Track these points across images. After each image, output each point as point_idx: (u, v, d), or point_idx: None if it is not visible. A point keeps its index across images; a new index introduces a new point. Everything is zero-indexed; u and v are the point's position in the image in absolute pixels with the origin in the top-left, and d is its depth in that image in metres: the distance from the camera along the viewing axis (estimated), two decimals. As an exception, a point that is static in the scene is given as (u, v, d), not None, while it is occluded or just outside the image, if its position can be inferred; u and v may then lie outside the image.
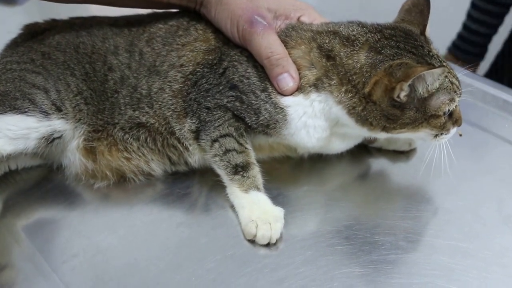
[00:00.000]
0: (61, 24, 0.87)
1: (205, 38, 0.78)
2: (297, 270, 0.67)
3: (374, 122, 0.71)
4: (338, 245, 0.71)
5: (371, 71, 0.69)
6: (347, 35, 0.72)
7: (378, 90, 0.69)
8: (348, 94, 0.71)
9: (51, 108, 0.77)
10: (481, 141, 0.91)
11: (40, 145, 0.76)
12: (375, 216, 0.76)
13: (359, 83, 0.70)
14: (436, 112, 0.71)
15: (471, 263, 0.68)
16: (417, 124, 0.71)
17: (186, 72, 0.76)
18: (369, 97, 0.70)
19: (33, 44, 0.84)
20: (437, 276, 0.66)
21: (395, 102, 0.69)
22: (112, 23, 0.84)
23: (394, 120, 0.71)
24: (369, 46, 0.71)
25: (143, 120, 0.77)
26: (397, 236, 0.72)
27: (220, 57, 0.76)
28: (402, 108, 0.70)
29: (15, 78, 0.79)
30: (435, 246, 0.71)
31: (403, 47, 0.70)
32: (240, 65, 0.74)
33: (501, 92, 0.99)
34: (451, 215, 0.76)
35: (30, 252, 0.70)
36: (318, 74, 0.72)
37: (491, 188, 0.80)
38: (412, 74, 0.66)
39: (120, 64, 0.79)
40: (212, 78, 0.75)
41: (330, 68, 0.71)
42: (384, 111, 0.70)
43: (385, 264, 0.68)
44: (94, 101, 0.79)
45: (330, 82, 0.71)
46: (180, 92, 0.76)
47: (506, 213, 0.76)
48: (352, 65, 0.70)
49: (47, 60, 0.81)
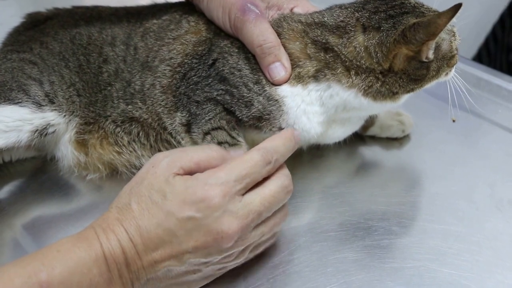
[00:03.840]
0: (62, 13, 0.87)
1: (196, 30, 0.77)
2: (291, 256, 0.68)
3: (400, 90, 0.69)
4: (331, 231, 0.71)
5: (381, 49, 0.67)
6: (335, 24, 0.71)
7: (398, 61, 0.68)
8: (361, 76, 0.69)
9: (44, 99, 0.76)
10: (474, 127, 0.92)
11: (33, 138, 0.76)
12: (368, 202, 0.76)
13: (371, 64, 0.68)
14: (451, 53, 0.71)
15: (464, 247, 0.68)
16: (441, 72, 0.71)
17: (174, 64, 0.75)
18: (389, 71, 0.68)
19: (35, 33, 0.83)
20: (429, 260, 0.67)
21: (422, 63, 0.68)
22: (112, 13, 0.83)
23: (421, 79, 0.70)
24: (363, 26, 0.69)
25: (136, 115, 0.77)
26: (390, 222, 0.72)
27: (210, 48, 0.75)
28: (427, 65, 0.69)
29: (14, 68, 0.78)
30: (427, 230, 0.71)
31: (394, 14, 0.69)
32: (231, 57, 0.73)
33: (494, 78, 0.99)
34: (444, 200, 0.76)
35: (26, 243, 0.71)
36: (318, 66, 0.70)
37: (484, 174, 0.81)
38: (437, 29, 0.65)
39: (116, 57, 0.79)
40: (201, 69, 0.74)
41: (331, 60, 0.69)
42: (411, 75, 0.69)
43: (378, 249, 0.69)
44: (86, 93, 0.79)
45: (335, 72, 0.69)
46: (169, 88, 0.75)
47: (499, 197, 0.76)
48: (354, 51, 0.68)
49: (44, 50, 0.80)
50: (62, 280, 0.54)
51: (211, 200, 0.57)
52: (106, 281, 0.56)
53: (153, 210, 0.58)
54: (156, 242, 0.57)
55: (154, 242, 0.57)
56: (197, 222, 0.57)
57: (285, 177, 0.63)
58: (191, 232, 0.57)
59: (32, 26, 0.85)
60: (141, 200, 0.59)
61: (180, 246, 0.57)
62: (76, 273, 0.54)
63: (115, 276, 0.57)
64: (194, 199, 0.57)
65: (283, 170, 0.64)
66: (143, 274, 0.58)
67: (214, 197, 0.57)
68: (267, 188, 0.61)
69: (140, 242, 0.57)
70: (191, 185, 0.58)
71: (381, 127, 0.87)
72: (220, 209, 0.57)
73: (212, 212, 0.57)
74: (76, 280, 0.54)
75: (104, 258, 0.56)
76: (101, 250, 0.56)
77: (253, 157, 0.61)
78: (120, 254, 0.57)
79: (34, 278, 0.53)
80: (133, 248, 0.57)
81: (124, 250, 0.57)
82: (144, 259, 0.57)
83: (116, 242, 0.57)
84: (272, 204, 0.61)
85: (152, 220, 0.58)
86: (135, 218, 0.58)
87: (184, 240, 0.57)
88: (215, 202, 0.57)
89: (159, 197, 0.58)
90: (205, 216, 0.57)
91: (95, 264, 0.56)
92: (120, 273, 0.57)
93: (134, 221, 0.58)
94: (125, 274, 0.57)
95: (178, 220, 0.57)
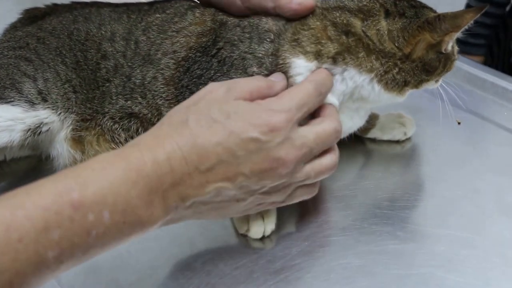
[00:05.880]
0: (61, 8, 0.85)
1: (201, 20, 0.75)
2: (293, 262, 0.66)
3: (412, 80, 0.70)
4: (334, 236, 0.70)
5: (403, 34, 0.68)
6: (357, 7, 0.70)
7: (419, 48, 0.68)
8: (381, 60, 0.68)
9: (36, 98, 0.75)
10: (479, 129, 0.90)
11: (26, 137, 0.74)
12: (371, 206, 0.74)
13: (392, 48, 0.68)
14: (454, 56, 0.73)
15: (470, 253, 0.67)
16: (445, 71, 0.72)
17: (179, 58, 0.74)
18: (408, 58, 0.68)
19: (32, 29, 0.82)
20: (435, 266, 0.65)
21: (439, 55, 0.69)
22: (112, 10, 0.82)
23: (433, 71, 0.70)
24: (387, 11, 0.69)
25: (135, 110, 0.75)
26: (395, 226, 0.71)
27: (215, 39, 0.73)
28: (440, 59, 0.70)
29: (9, 65, 0.77)
30: (433, 236, 0.70)
31: (415, 5, 0.70)
32: (242, 43, 0.70)
33: (500, 80, 0.97)
34: (448, 204, 0.74)
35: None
36: (339, 49, 0.68)
37: (489, 177, 0.79)
38: (463, 22, 0.66)
39: (115, 52, 0.77)
40: (204, 61, 0.72)
41: (353, 45, 0.68)
42: (426, 64, 0.69)
43: (383, 254, 0.67)
44: (83, 89, 0.77)
45: (357, 56, 0.68)
46: (172, 79, 0.74)
47: (505, 202, 0.74)
48: (378, 34, 0.68)
49: (41, 45, 0.79)
50: (95, 200, 0.50)
51: (275, 125, 0.57)
52: (145, 204, 0.53)
53: (214, 129, 0.56)
54: (214, 161, 0.56)
55: (211, 161, 0.56)
56: (259, 145, 0.57)
57: (338, 122, 0.64)
58: (251, 155, 0.57)
59: (30, 22, 0.84)
60: (201, 118, 0.57)
61: (237, 167, 0.56)
62: (110, 194, 0.51)
63: (157, 198, 0.54)
64: (259, 122, 0.57)
65: (336, 115, 0.65)
66: (190, 196, 0.56)
67: (278, 122, 0.57)
68: (321, 126, 0.62)
69: (195, 159, 0.55)
70: (255, 108, 0.58)
71: (382, 129, 0.86)
72: (282, 135, 0.57)
73: (274, 137, 0.57)
74: (110, 201, 0.51)
75: (147, 179, 0.53)
76: (143, 169, 0.53)
77: (308, 87, 0.62)
78: (168, 173, 0.54)
79: (65, 197, 0.50)
80: (185, 166, 0.55)
81: (174, 168, 0.54)
82: (195, 179, 0.55)
83: (165, 160, 0.54)
84: (323, 143, 0.62)
85: (212, 138, 0.56)
86: (193, 135, 0.56)
87: (243, 162, 0.56)
88: (279, 127, 0.57)
89: (222, 116, 0.57)
90: (268, 141, 0.57)
91: (134, 185, 0.52)
92: (164, 195, 0.54)
93: (191, 138, 0.56)
94: (169, 196, 0.55)
95: (241, 140, 0.56)
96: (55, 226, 0.49)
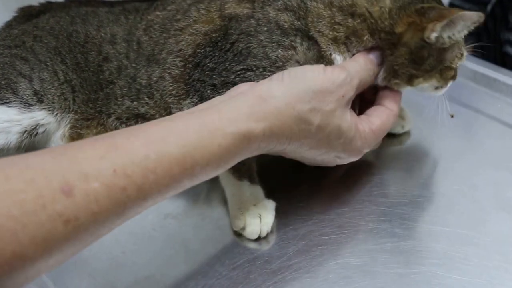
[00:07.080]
0: (55, 6, 0.84)
1: (208, 18, 0.73)
2: (290, 262, 0.64)
3: (400, 69, 0.70)
4: (331, 234, 0.68)
5: (400, 12, 0.69)
6: None
7: (409, 31, 0.68)
8: (381, 38, 0.69)
9: (32, 99, 0.74)
10: (473, 122, 0.89)
11: (22, 139, 0.73)
12: (368, 202, 0.73)
13: (390, 25, 0.69)
14: (450, 64, 0.72)
15: (471, 251, 0.65)
16: (433, 73, 0.71)
17: (186, 56, 0.72)
18: (399, 40, 0.69)
19: (27, 27, 0.80)
20: (436, 264, 0.64)
21: (423, 45, 0.69)
22: (108, 10, 0.80)
23: (420, 65, 0.70)
24: None
25: (142, 111, 0.74)
26: (393, 223, 0.69)
27: (226, 32, 0.71)
28: (427, 52, 0.69)
29: (5, 64, 0.76)
30: (432, 233, 0.68)
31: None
32: (261, 34, 0.69)
33: (492, 72, 0.96)
34: (446, 200, 0.73)
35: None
36: (347, 32, 0.69)
37: (486, 171, 0.77)
38: (447, 15, 0.66)
39: (118, 54, 0.76)
40: (218, 56, 0.70)
41: (358, 26, 0.69)
42: (413, 53, 0.69)
43: (382, 253, 0.65)
44: (84, 90, 0.76)
45: (362, 38, 0.69)
46: (181, 77, 0.72)
47: (504, 197, 0.73)
48: (379, 11, 0.69)
49: (38, 44, 0.78)
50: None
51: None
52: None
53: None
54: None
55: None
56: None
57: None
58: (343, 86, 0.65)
59: (25, 20, 0.82)
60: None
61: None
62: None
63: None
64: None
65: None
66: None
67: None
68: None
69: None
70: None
71: None
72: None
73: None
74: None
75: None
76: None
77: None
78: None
79: (210, 126, 0.55)
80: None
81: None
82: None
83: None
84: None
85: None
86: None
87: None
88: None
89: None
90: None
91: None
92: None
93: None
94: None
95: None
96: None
